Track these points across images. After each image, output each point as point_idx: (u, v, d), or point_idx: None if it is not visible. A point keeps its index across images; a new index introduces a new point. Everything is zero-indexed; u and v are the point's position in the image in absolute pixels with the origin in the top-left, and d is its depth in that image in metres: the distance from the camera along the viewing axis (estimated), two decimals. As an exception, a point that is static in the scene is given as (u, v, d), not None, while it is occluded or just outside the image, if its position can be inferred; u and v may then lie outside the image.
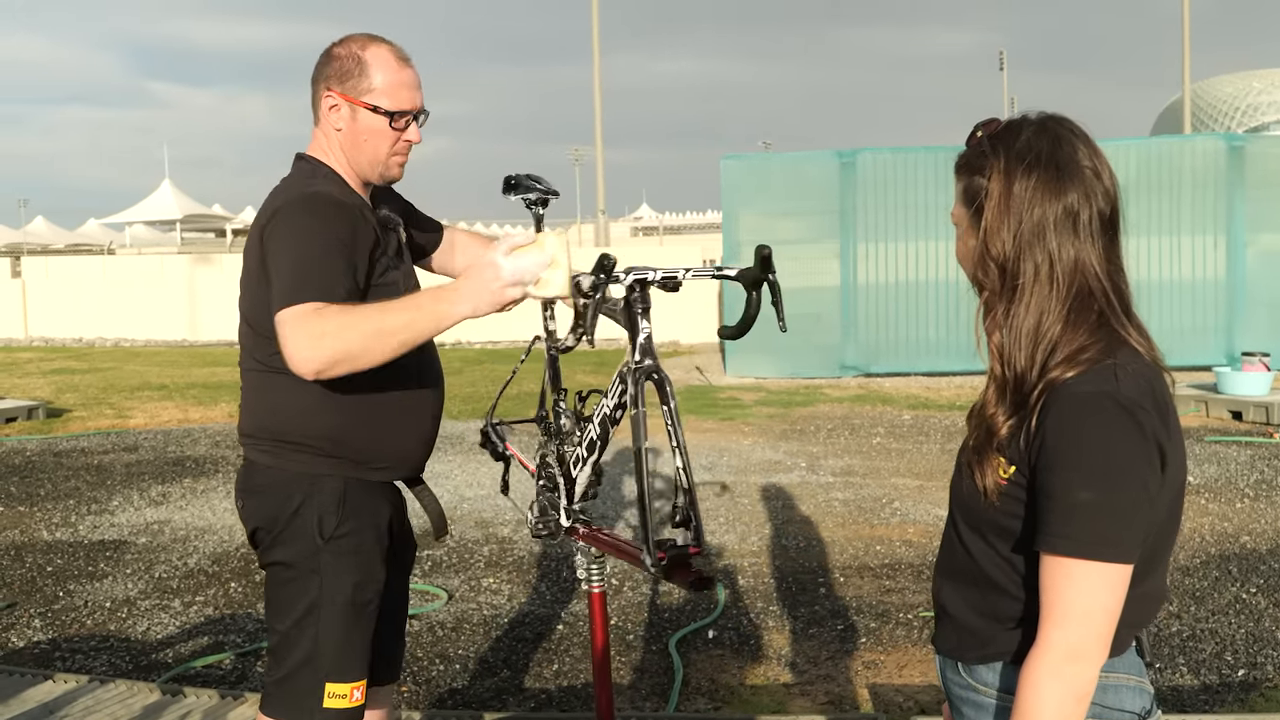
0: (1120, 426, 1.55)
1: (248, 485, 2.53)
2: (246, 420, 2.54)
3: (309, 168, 2.52)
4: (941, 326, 14.97)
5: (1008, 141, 1.68)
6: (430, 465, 9.17)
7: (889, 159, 15.21)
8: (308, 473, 2.44)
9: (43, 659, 4.92)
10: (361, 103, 2.45)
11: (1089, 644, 1.55)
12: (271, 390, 2.45)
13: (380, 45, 2.49)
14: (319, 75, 2.51)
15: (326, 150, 2.52)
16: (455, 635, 5.14)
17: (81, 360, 19.73)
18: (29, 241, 50.35)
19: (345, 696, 2.42)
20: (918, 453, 9.56)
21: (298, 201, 2.39)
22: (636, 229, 60.80)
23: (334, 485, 2.44)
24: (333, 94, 2.47)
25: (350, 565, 2.44)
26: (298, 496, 2.43)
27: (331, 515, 2.42)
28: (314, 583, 2.42)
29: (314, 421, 2.43)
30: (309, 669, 2.41)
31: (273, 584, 2.50)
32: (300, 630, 2.42)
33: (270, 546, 2.47)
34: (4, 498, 8.27)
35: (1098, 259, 1.65)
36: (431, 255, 2.91)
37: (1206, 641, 4.86)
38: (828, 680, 4.54)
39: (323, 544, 2.41)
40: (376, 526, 2.52)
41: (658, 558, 2.24)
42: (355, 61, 2.45)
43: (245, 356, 2.52)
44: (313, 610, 2.41)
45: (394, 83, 2.46)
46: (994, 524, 1.67)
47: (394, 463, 2.55)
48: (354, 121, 2.47)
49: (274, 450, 2.47)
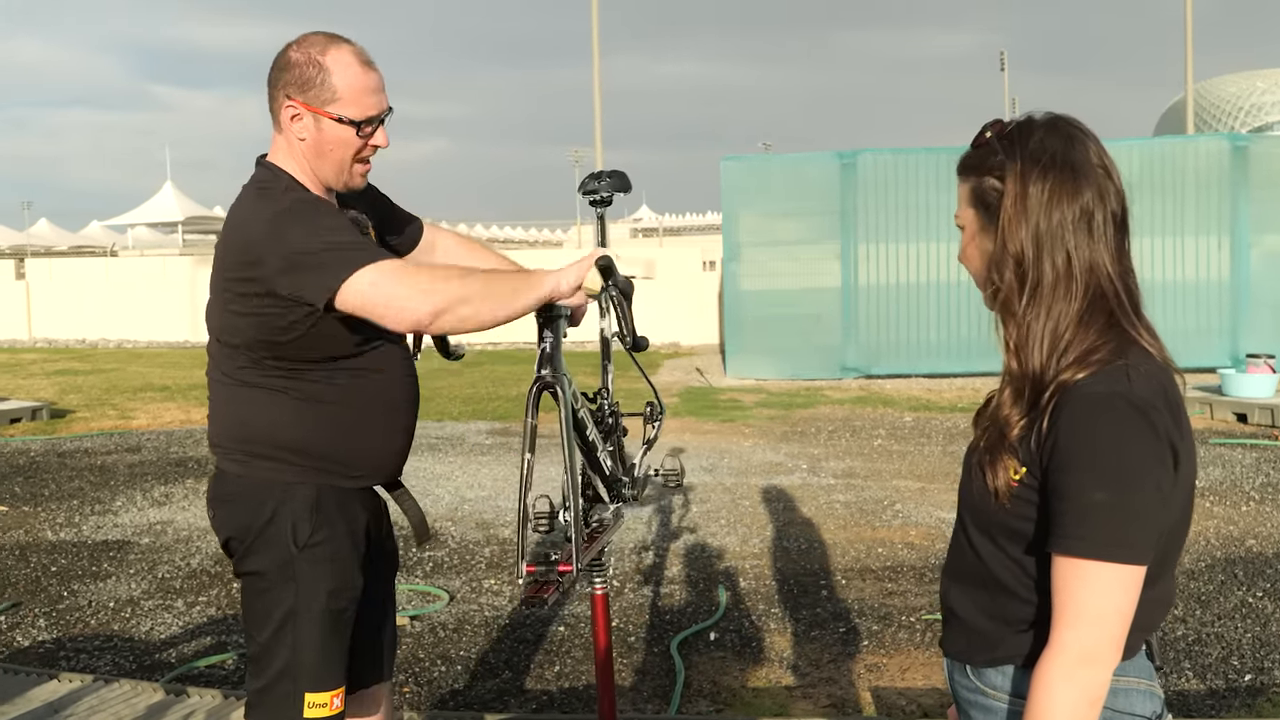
0: (1133, 427, 1.54)
1: (219, 494, 2.49)
2: (216, 430, 2.50)
3: (269, 177, 2.43)
4: (943, 328, 14.98)
5: (1021, 143, 1.67)
6: (431, 467, 9.12)
7: (890, 160, 15.21)
8: (280, 480, 2.41)
9: (47, 658, 4.92)
10: (325, 113, 2.35)
11: (1102, 647, 1.54)
12: (239, 402, 2.43)
13: (340, 48, 2.37)
14: (277, 80, 2.39)
15: (288, 157, 2.43)
16: (457, 636, 5.14)
17: (85, 361, 19.75)
18: (33, 244, 50.38)
19: (325, 705, 2.41)
20: (919, 455, 9.56)
21: (286, 213, 2.32)
22: (636, 230, 60.71)
23: (307, 492, 2.41)
24: (294, 103, 2.36)
25: (326, 573, 2.41)
26: (270, 504, 2.40)
27: (305, 522, 2.39)
28: (289, 591, 2.39)
29: (283, 433, 2.40)
30: (288, 679, 2.39)
31: (249, 593, 2.47)
32: (278, 640, 2.40)
33: (244, 556, 2.45)
34: (9, 498, 8.27)
35: (1110, 260, 1.65)
36: (406, 255, 2.80)
37: (1213, 646, 4.85)
38: (830, 683, 4.54)
39: (297, 552, 2.39)
40: (352, 533, 2.48)
41: (526, 571, 2.27)
42: (316, 68, 2.34)
43: (213, 368, 2.48)
44: (289, 619, 2.39)
45: (358, 89, 2.36)
46: (1004, 526, 1.66)
47: (368, 471, 2.52)
48: (318, 132, 2.37)
49: (244, 460, 2.44)
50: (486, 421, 11.85)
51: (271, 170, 2.44)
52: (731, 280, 15.80)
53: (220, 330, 2.42)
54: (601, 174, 2.85)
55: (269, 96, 2.42)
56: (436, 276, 2.27)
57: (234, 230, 2.38)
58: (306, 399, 2.38)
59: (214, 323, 2.43)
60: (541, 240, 60.70)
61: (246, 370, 2.37)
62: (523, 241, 59.76)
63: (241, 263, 2.33)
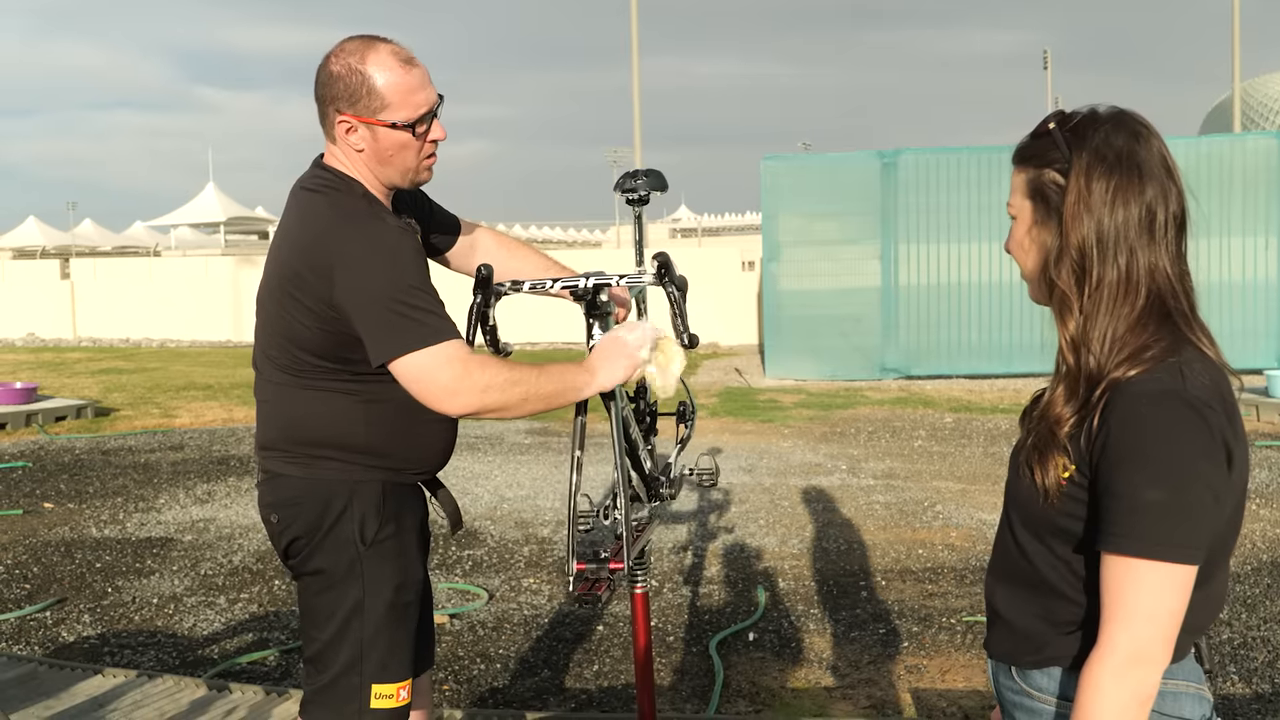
0: (1187, 425, 1.52)
1: (281, 498, 2.46)
2: (271, 433, 2.46)
3: (343, 184, 2.39)
4: (984, 329, 14.86)
5: (1086, 138, 1.64)
6: (471, 466, 9.18)
7: (931, 160, 15.10)
8: (345, 479, 2.41)
9: (92, 654, 4.99)
10: (378, 122, 2.33)
11: (1153, 647, 1.52)
12: (302, 404, 2.41)
13: (378, 50, 2.34)
14: (324, 95, 2.36)
15: (348, 165, 2.40)
16: (496, 635, 5.15)
17: (129, 360, 19.99)
18: (77, 244, 51.05)
19: (392, 696, 2.42)
20: (960, 456, 9.48)
21: (363, 235, 2.29)
22: (675, 230, 60.73)
23: (373, 489, 2.42)
24: (346, 117, 2.34)
25: (393, 568, 2.43)
26: (338, 503, 2.40)
27: (374, 519, 2.41)
28: (355, 587, 2.40)
29: (351, 434, 2.40)
30: (355, 673, 2.40)
31: (310, 592, 2.46)
32: (343, 636, 2.41)
33: (309, 556, 2.44)
34: (54, 495, 8.39)
35: (1170, 261, 1.63)
36: (448, 254, 2.82)
37: (1259, 650, 4.78)
38: (870, 684, 4.51)
39: (364, 549, 2.40)
40: (416, 526, 2.53)
41: (576, 569, 2.28)
42: (359, 78, 2.31)
43: (270, 370, 2.44)
44: (355, 615, 2.40)
45: (404, 90, 2.33)
46: (1052, 525, 1.64)
47: (425, 467, 2.55)
48: (375, 141, 2.35)
49: (308, 461, 2.43)
50: (526, 421, 11.88)
51: (337, 176, 2.40)
52: (771, 280, 15.75)
53: (284, 333, 2.38)
54: (638, 172, 2.85)
55: (319, 114, 2.40)
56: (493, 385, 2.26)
57: (304, 231, 2.35)
58: (371, 400, 2.38)
59: (275, 326, 2.40)
60: (580, 240, 60.84)
61: (309, 373, 2.36)
62: (561, 242, 59.94)
63: (312, 267, 2.29)
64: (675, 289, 2.38)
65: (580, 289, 2.47)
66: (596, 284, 2.46)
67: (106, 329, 25.17)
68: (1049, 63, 52.75)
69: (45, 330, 25.65)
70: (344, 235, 2.29)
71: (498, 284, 2.48)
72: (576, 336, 2.44)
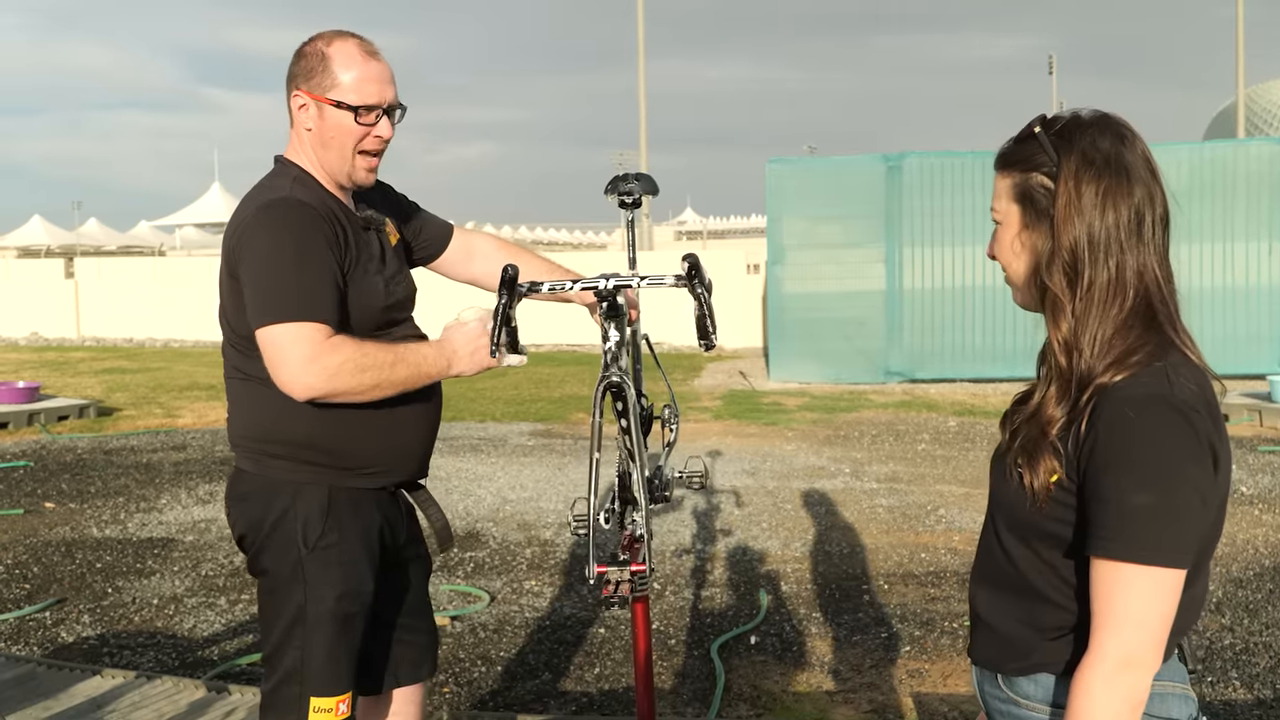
0: (1174, 429, 1.52)
1: (234, 491, 2.51)
2: (231, 427, 2.53)
3: (280, 169, 2.50)
4: (988, 332, 14.83)
5: (1073, 141, 1.65)
6: (474, 467, 9.12)
7: (936, 163, 15.09)
8: (291, 480, 2.41)
9: (91, 655, 4.98)
10: (327, 99, 2.41)
11: (1144, 651, 1.52)
12: (251, 398, 2.44)
13: (346, 40, 2.44)
14: (289, 75, 2.47)
15: (299, 151, 2.49)
16: (497, 637, 5.14)
17: (132, 360, 20.00)
18: (82, 243, 51.11)
19: (330, 711, 2.40)
20: (963, 459, 9.47)
21: (263, 210, 2.37)
22: (680, 233, 60.69)
23: (317, 493, 2.41)
24: (301, 93, 2.44)
25: (335, 576, 2.40)
26: (281, 502, 2.40)
27: (316, 523, 2.39)
28: (298, 592, 2.39)
29: (293, 428, 2.39)
30: (295, 682, 2.39)
31: (261, 592, 2.48)
32: (287, 641, 2.40)
33: (256, 554, 2.45)
34: (55, 495, 8.39)
35: (1158, 262, 1.64)
36: (438, 259, 2.84)
37: (1260, 655, 4.77)
38: (871, 688, 4.50)
39: (306, 553, 2.38)
40: (365, 536, 2.47)
41: (597, 572, 2.26)
42: (320, 58, 2.41)
43: (227, 365, 2.53)
44: (298, 621, 2.39)
45: (359, 77, 2.41)
46: (1038, 529, 1.64)
47: (384, 468, 2.50)
48: (321, 119, 2.42)
49: (258, 457, 2.45)
50: (529, 423, 11.87)
51: (282, 163, 2.51)
52: (775, 283, 15.74)
53: (229, 323, 2.47)
54: (629, 176, 2.84)
55: (286, 94, 2.50)
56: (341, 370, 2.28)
57: (236, 212, 2.46)
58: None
59: (224, 313, 2.49)
60: (585, 243, 60.86)
61: (255, 364, 2.37)
62: (566, 244, 59.95)
63: (231, 245, 2.41)
64: (705, 290, 2.36)
65: (602, 290, 2.46)
66: (617, 285, 2.45)
67: (110, 328, 25.18)
68: (1054, 67, 52.71)
69: (49, 329, 25.66)
70: (254, 208, 2.39)
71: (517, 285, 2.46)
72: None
